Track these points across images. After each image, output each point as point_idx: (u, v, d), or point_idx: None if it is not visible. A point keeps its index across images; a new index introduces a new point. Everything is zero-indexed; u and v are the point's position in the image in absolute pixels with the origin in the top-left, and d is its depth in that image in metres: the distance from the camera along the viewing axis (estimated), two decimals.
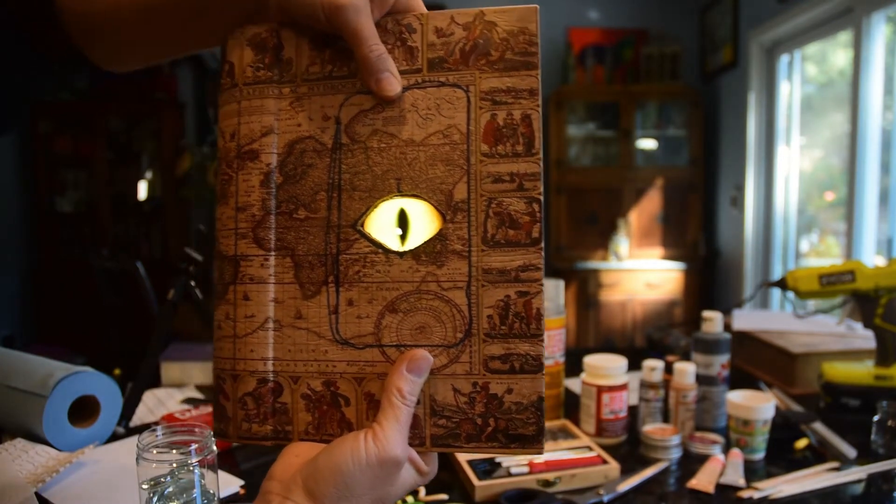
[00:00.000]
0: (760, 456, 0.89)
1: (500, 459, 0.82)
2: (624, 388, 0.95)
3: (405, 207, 0.43)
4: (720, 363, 0.99)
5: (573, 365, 1.12)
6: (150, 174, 4.00)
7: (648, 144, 3.81)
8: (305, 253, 0.43)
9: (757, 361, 1.30)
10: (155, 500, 0.58)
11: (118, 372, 1.18)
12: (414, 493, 0.77)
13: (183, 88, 3.92)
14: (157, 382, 1.20)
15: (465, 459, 0.82)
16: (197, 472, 0.59)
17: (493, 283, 0.41)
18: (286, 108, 0.43)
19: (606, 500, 0.77)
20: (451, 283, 0.41)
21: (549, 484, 0.79)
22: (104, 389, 0.68)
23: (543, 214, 0.41)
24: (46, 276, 3.79)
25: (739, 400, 0.90)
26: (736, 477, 0.82)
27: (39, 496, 0.72)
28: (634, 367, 1.03)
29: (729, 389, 0.99)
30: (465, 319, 0.41)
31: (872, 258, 2.56)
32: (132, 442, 0.78)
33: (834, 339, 1.27)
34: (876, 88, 2.52)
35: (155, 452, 0.58)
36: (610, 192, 3.72)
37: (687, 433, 0.93)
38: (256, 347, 0.42)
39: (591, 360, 0.96)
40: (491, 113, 0.41)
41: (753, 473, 0.85)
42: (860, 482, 0.82)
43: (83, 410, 0.67)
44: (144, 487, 0.58)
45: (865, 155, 2.55)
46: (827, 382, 1.09)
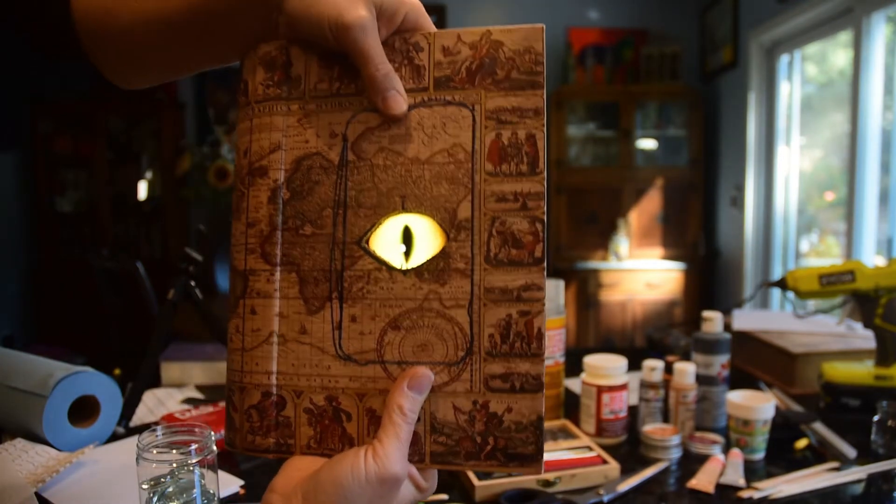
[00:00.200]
0: (760, 456, 0.89)
1: None
2: (624, 388, 0.95)
3: (410, 224, 0.43)
4: (720, 363, 0.99)
5: (573, 365, 1.12)
6: (150, 174, 4.00)
7: (648, 144, 3.81)
8: (310, 268, 0.43)
9: (757, 361, 1.30)
10: (155, 500, 0.58)
11: (118, 372, 1.18)
12: None
13: (183, 88, 3.93)
14: (157, 382, 1.20)
15: None
16: (197, 472, 0.59)
17: (494, 301, 0.41)
18: (294, 124, 0.44)
19: (606, 500, 0.77)
20: (453, 301, 0.41)
21: (549, 484, 0.79)
22: (104, 389, 0.68)
23: (546, 233, 0.41)
24: (46, 276, 3.79)
25: (739, 400, 0.90)
26: (736, 477, 0.82)
27: (39, 496, 0.72)
28: (634, 367, 1.03)
29: (729, 389, 0.99)
30: (466, 338, 0.41)
31: (872, 258, 2.56)
32: (132, 442, 0.78)
33: (834, 339, 1.27)
34: (876, 88, 2.52)
35: (155, 452, 0.58)
36: (610, 192, 3.72)
37: (687, 433, 0.93)
38: (261, 361, 0.43)
39: (591, 360, 0.96)
40: (496, 132, 0.41)
41: (753, 473, 0.85)
42: (860, 482, 0.82)
43: (83, 410, 0.67)
44: (144, 487, 0.58)
45: (865, 155, 2.55)
46: (827, 382, 1.09)
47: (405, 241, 0.43)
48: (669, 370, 1.03)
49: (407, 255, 0.43)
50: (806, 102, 3.19)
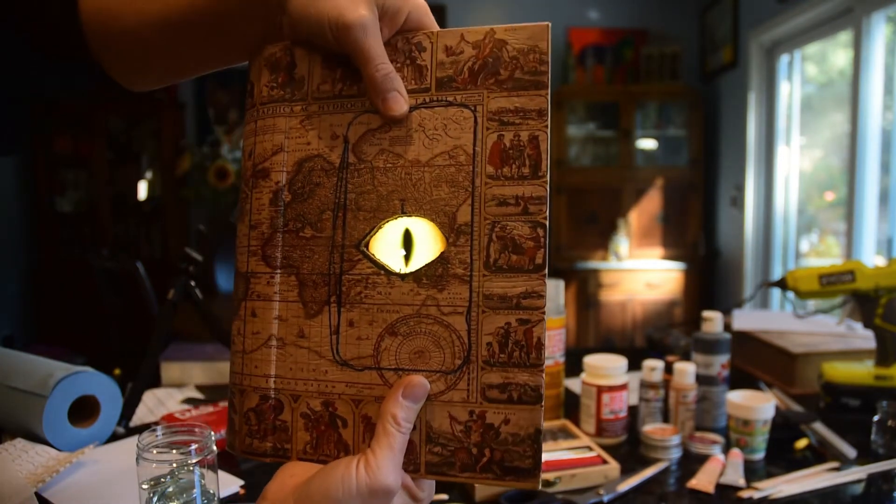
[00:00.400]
0: (760, 456, 0.89)
1: None
2: (624, 388, 0.95)
3: (410, 228, 0.42)
4: (720, 363, 0.99)
5: (573, 365, 1.12)
6: (150, 174, 4.00)
7: (648, 144, 3.82)
8: (310, 272, 0.42)
9: (757, 361, 1.30)
10: (155, 500, 0.58)
11: (118, 372, 1.17)
12: None
13: (183, 88, 3.93)
14: (157, 382, 1.20)
15: None
16: (197, 472, 0.59)
17: (493, 309, 0.40)
18: (296, 126, 0.43)
19: (606, 500, 0.77)
20: (451, 307, 0.40)
21: (549, 484, 0.79)
22: (104, 389, 0.68)
23: (548, 239, 0.40)
24: (46, 276, 3.79)
25: (739, 400, 0.90)
26: (736, 477, 0.82)
27: (39, 496, 0.72)
28: (634, 367, 1.03)
29: (729, 389, 0.99)
30: (464, 346, 0.40)
31: (872, 258, 2.56)
32: (132, 442, 0.78)
33: (834, 339, 1.27)
34: (876, 88, 2.52)
35: (155, 452, 0.58)
36: (610, 192, 3.73)
37: (687, 433, 0.93)
38: (260, 364, 0.43)
39: (591, 360, 0.96)
40: (498, 134, 0.40)
41: (753, 473, 0.85)
42: (860, 482, 0.82)
43: (83, 410, 0.67)
44: (144, 487, 0.58)
45: (865, 155, 2.55)
46: (827, 382, 1.09)
47: (406, 244, 0.42)
48: (669, 370, 1.03)
49: (407, 259, 0.42)
50: (806, 102, 3.19)
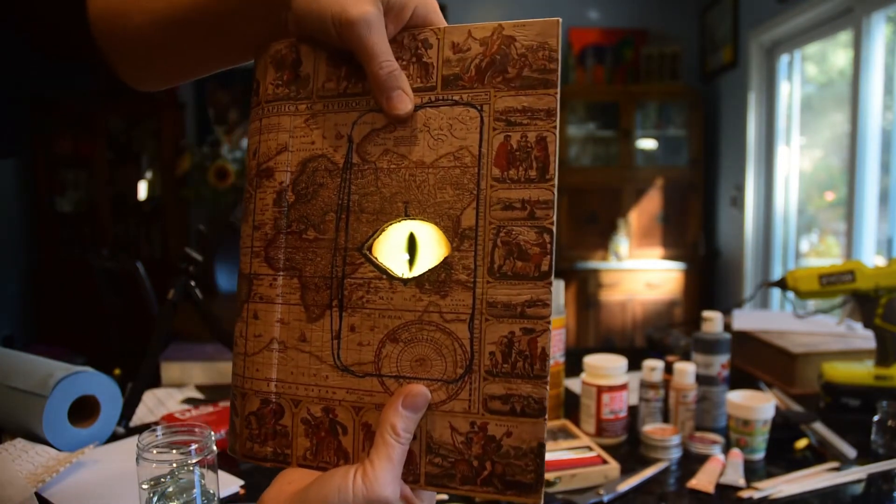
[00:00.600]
0: (760, 456, 0.89)
1: None
2: (624, 388, 0.95)
3: (415, 232, 0.41)
4: (720, 363, 0.99)
5: (573, 365, 1.12)
6: (150, 174, 4.00)
7: (648, 144, 3.82)
8: (312, 274, 0.41)
9: (757, 361, 1.30)
10: (155, 500, 0.58)
11: (118, 372, 1.17)
12: None
13: (183, 88, 3.92)
14: (157, 382, 1.20)
15: None
16: (197, 472, 0.59)
17: (497, 317, 0.38)
18: (301, 125, 0.42)
19: (606, 500, 0.77)
20: (453, 314, 0.39)
21: (549, 484, 0.79)
22: (104, 389, 0.68)
23: (554, 245, 0.38)
24: (46, 276, 3.79)
25: (739, 400, 0.90)
26: (736, 477, 0.82)
27: (39, 496, 0.72)
28: (634, 367, 1.03)
29: (729, 389, 0.99)
30: (466, 354, 0.39)
31: (872, 258, 2.56)
32: (132, 442, 0.78)
33: (834, 339, 1.27)
34: (876, 88, 2.52)
35: (155, 452, 0.58)
36: (610, 192, 3.73)
37: (687, 433, 0.93)
38: (262, 367, 0.42)
39: (591, 360, 0.96)
40: (504, 134, 0.39)
41: (753, 473, 0.85)
42: (860, 482, 0.82)
43: (83, 410, 0.67)
44: (144, 487, 0.58)
45: (865, 155, 2.55)
46: (827, 382, 1.09)
47: (410, 248, 0.41)
48: (669, 370, 1.03)
49: (412, 262, 0.41)
50: (806, 102, 3.19)
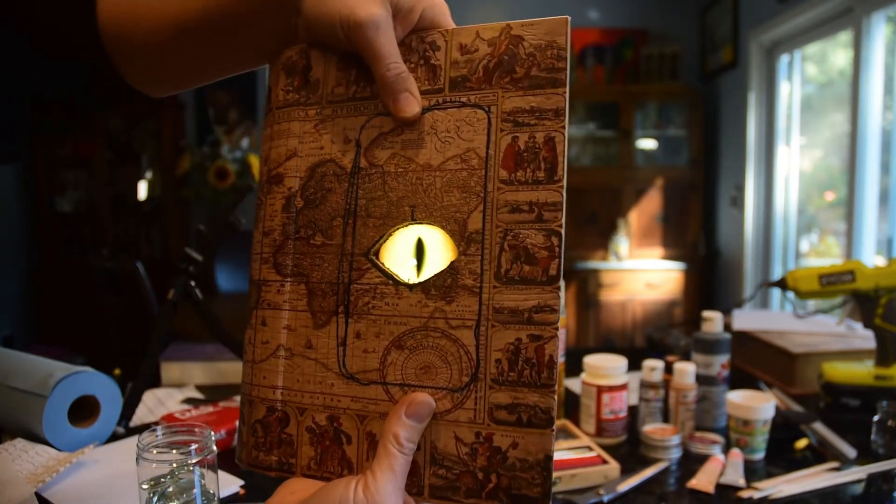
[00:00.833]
0: (760, 456, 0.89)
1: None
2: (624, 388, 0.95)
3: (423, 236, 0.40)
4: (720, 363, 0.99)
5: (573, 365, 1.12)
6: (150, 174, 4.00)
7: (648, 144, 3.82)
8: (319, 280, 0.41)
9: (757, 361, 1.30)
10: (155, 500, 0.58)
11: (118, 372, 1.17)
12: None
13: None
14: (157, 382, 1.20)
15: None
16: (197, 472, 0.59)
17: (503, 323, 0.37)
18: (310, 130, 0.42)
19: (606, 500, 0.77)
20: (459, 320, 0.38)
21: None
22: (104, 389, 0.68)
23: (563, 248, 0.37)
24: (46, 276, 3.79)
25: (739, 400, 0.90)
26: (736, 477, 0.82)
27: (39, 496, 0.72)
28: (634, 367, 1.03)
29: (729, 389, 0.99)
30: (472, 362, 0.38)
31: (872, 258, 2.56)
32: (132, 442, 0.78)
33: (834, 339, 1.27)
34: (876, 88, 2.52)
35: (155, 452, 0.58)
36: (610, 192, 3.73)
37: (687, 433, 0.93)
38: (268, 374, 0.41)
39: (591, 360, 0.96)
40: (512, 135, 0.38)
41: (753, 473, 0.85)
42: (860, 482, 0.82)
43: (83, 410, 0.67)
44: (144, 487, 0.58)
45: (865, 155, 2.55)
46: (827, 382, 1.09)
47: (418, 253, 0.40)
48: (669, 370, 1.03)
49: (419, 268, 0.40)
50: (806, 102, 3.19)
